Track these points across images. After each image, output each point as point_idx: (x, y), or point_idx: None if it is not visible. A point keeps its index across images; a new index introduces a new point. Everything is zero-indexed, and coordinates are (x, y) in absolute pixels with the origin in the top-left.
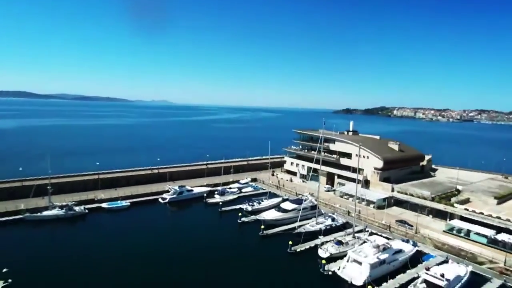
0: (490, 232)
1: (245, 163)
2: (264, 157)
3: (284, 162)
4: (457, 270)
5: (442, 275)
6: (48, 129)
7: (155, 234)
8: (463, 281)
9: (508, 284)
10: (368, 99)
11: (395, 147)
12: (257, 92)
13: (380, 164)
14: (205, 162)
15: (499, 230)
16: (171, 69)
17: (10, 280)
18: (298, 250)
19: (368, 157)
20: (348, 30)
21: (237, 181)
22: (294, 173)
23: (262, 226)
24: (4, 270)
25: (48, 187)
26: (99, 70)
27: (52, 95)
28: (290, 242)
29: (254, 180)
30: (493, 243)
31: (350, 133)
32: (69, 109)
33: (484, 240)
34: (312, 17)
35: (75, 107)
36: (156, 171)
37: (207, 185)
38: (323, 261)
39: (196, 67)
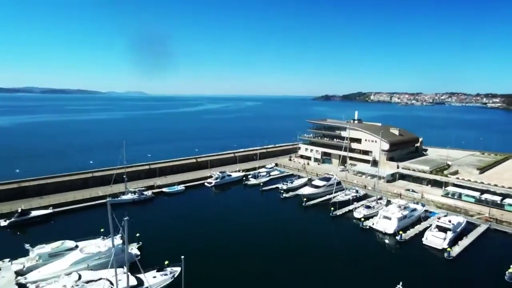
0: (476, 194)
1: (264, 150)
2: (277, 144)
3: (299, 148)
4: (457, 219)
5: (449, 221)
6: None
7: (217, 211)
8: (461, 226)
9: (492, 227)
10: (346, 85)
11: (396, 132)
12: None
13: (386, 146)
14: (233, 151)
15: (482, 192)
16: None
17: (140, 243)
18: (338, 214)
19: (376, 141)
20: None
21: (264, 166)
22: (308, 158)
23: (305, 199)
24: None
25: (124, 176)
26: (70, 62)
27: (18, 89)
28: (332, 208)
29: (276, 165)
30: (479, 201)
31: (356, 121)
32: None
33: (473, 200)
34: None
35: (44, 101)
36: (194, 160)
37: (240, 171)
38: (361, 219)
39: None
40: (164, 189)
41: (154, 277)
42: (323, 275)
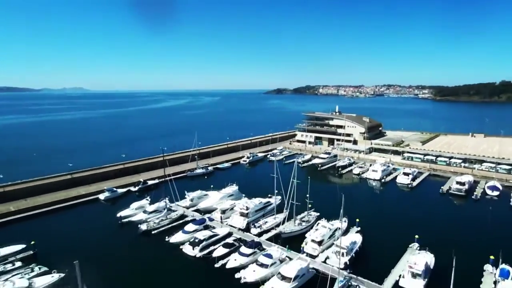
0: (421, 156)
1: (263, 139)
2: (276, 133)
3: (295, 134)
4: (413, 170)
5: (409, 171)
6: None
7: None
8: (415, 173)
9: (431, 173)
10: (296, 79)
11: (367, 119)
12: (183, 75)
13: (363, 130)
14: (248, 139)
15: (424, 155)
16: (83, 51)
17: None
18: (342, 172)
19: (355, 126)
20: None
21: (274, 149)
22: (303, 142)
23: (319, 165)
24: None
25: (196, 156)
26: None
27: None
28: (337, 170)
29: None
30: (423, 160)
31: (337, 113)
32: None
33: (419, 160)
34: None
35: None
36: (225, 146)
37: (260, 152)
38: (359, 173)
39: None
40: (219, 166)
41: None
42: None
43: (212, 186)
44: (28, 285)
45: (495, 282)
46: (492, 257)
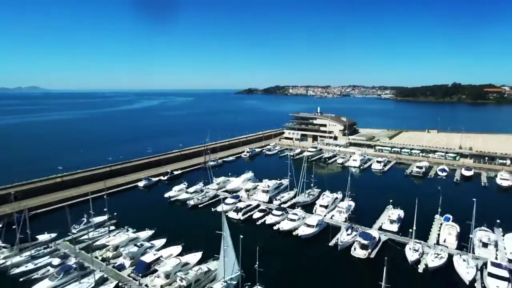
0: (389, 148)
1: (255, 137)
2: (264, 131)
3: (283, 132)
4: (384, 159)
5: (381, 159)
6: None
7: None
8: (386, 161)
9: (397, 161)
10: (265, 79)
11: (344, 119)
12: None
13: (342, 128)
14: (244, 136)
15: (392, 147)
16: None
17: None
18: (328, 163)
19: (335, 125)
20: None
21: (268, 145)
22: (290, 138)
23: (309, 158)
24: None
25: (208, 151)
26: None
27: None
28: (324, 161)
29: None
30: (391, 152)
31: (319, 114)
32: None
33: (388, 151)
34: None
35: None
36: (227, 142)
37: (256, 148)
38: (342, 163)
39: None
40: (224, 159)
41: None
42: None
43: (229, 173)
44: (136, 236)
45: (441, 224)
46: (439, 209)
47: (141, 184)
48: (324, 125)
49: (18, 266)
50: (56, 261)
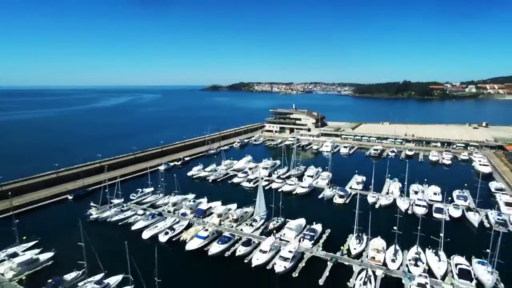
0: (353, 136)
1: (241, 130)
2: (247, 125)
3: (264, 126)
4: (349, 146)
5: (347, 145)
6: None
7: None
8: (351, 146)
9: (359, 146)
10: (229, 75)
11: (316, 114)
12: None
13: (314, 121)
14: (233, 129)
15: (354, 135)
16: None
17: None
18: (305, 149)
19: (309, 119)
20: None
21: (252, 136)
22: (271, 131)
23: (290, 145)
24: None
25: (209, 141)
26: None
27: None
28: (301, 147)
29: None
30: (353, 140)
31: (295, 109)
32: None
33: (352, 139)
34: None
35: None
36: (218, 135)
37: (244, 139)
38: (317, 149)
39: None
40: (221, 148)
41: None
42: (311, 163)
43: (232, 158)
44: (185, 197)
45: (389, 183)
46: (388, 175)
47: (162, 168)
48: (300, 119)
49: (112, 216)
50: (140, 211)
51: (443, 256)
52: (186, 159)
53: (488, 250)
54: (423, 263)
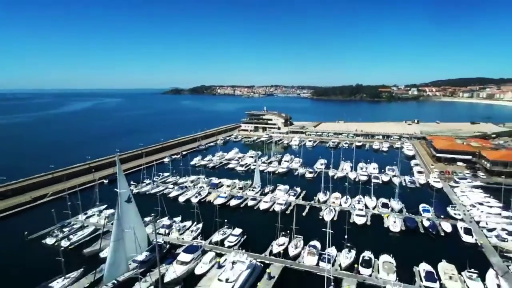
0: (315, 133)
1: (219, 130)
2: (226, 125)
3: (240, 126)
4: (312, 141)
5: (311, 140)
6: None
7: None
8: (314, 141)
9: (320, 140)
10: (190, 78)
11: (284, 115)
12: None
13: (283, 121)
14: (214, 129)
15: (316, 132)
16: None
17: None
18: (277, 143)
19: (279, 119)
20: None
21: (231, 135)
22: (246, 130)
23: (266, 141)
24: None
25: (200, 138)
26: None
27: None
28: (277, 141)
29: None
30: (316, 135)
31: (266, 111)
32: None
33: (314, 135)
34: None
35: None
36: (203, 134)
37: (228, 137)
38: (287, 143)
39: None
40: (208, 144)
41: None
42: (285, 153)
43: (220, 152)
44: (198, 177)
45: (343, 164)
46: (343, 158)
47: (166, 160)
48: (271, 119)
49: (150, 190)
50: (170, 186)
51: (374, 198)
52: (184, 152)
53: (397, 197)
54: (362, 202)
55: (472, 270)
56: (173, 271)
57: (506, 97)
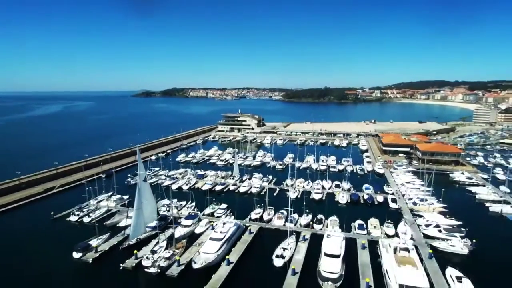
0: (285, 132)
1: (197, 131)
2: (203, 127)
3: (216, 127)
4: (285, 139)
5: (283, 139)
6: None
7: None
8: (284, 139)
9: (290, 139)
10: (161, 80)
11: (257, 116)
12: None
13: (256, 122)
14: (193, 130)
15: (286, 132)
16: None
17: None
18: (253, 142)
19: (252, 120)
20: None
21: (209, 135)
22: (223, 131)
23: (241, 140)
24: None
25: (181, 139)
26: None
27: None
28: (251, 140)
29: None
30: (286, 134)
31: (240, 113)
32: None
33: (285, 134)
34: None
35: None
36: (184, 134)
37: (204, 137)
38: (261, 141)
39: None
40: (189, 144)
41: None
42: (259, 150)
43: (201, 149)
44: (192, 172)
45: (309, 158)
46: (308, 153)
47: (153, 157)
48: (245, 121)
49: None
50: (162, 177)
51: (330, 181)
52: (169, 151)
53: (348, 180)
54: (320, 185)
55: (389, 221)
56: (179, 232)
57: (457, 98)
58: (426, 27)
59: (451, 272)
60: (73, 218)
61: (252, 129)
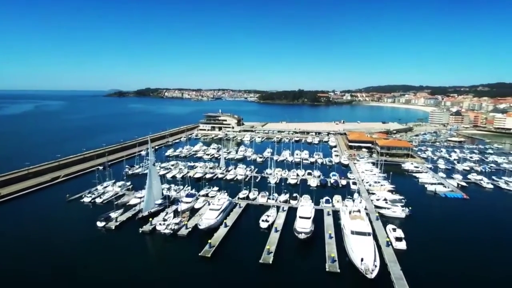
0: (264, 131)
1: (181, 129)
2: (186, 126)
3: (198, 126)
4: (262, 136)
5: (263, 137)
6: None
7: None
8: (262, 137)
9: (267, 137)
10: (134, 80)
11: (237, 116)
12: None
13: (236, 121)
14: (176, 128)
15: (264, 130)
16: None
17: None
18: (233, 140)
19: (232, 120)
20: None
21: (192, 134)
22: (204, 129)
23: (223, 138)
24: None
25: (168, 135)
26: None
27: None
28: (233, 138)
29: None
30: (263, 133)
31: (221, 113)
32: None
33: (262, 132)
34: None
35: None
36: (169, 132)
37: (188, 135)
38: (242, 139)
39: None
40: (174, 141)
41: None
42: (240, 147)
43: (188, 145)
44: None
45: (285, 152)
46: (284, 148)
47: (143, 152)
48: (226, 120)
49: (142, 171)
50: (157, 168)
51: (303, 170)
52: (157, 147)
53: (318, 169)
54: (295, 172)
55: (349, 197)
56: (181, 207)
57: (419, 102)
58: (395, 33)
59: (390, 226)
60: (86, 199)
61: (233, 128)
